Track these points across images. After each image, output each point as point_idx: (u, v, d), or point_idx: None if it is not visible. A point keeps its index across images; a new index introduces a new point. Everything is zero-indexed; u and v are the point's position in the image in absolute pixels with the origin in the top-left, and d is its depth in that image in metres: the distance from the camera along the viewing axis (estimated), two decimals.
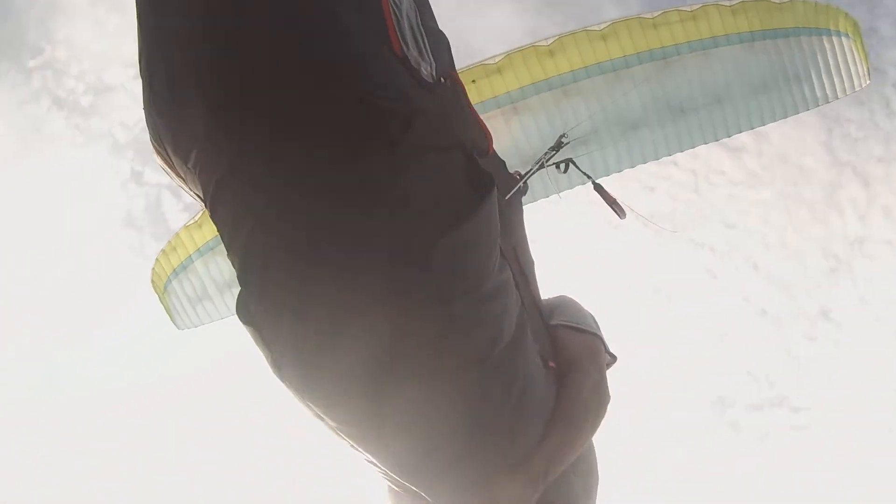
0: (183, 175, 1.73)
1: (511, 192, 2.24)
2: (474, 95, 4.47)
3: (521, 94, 4.52)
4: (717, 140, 4.93)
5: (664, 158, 4.78)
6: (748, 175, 12.27)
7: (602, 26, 4.53)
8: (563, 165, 3.95)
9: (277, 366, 1.74)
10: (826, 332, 12.83)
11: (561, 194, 4.65)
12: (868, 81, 5.29)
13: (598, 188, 3.91)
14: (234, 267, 1.74)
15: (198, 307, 5.75)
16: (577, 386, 2.12)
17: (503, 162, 2.30)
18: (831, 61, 5.11)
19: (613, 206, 3.84)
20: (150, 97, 1.63)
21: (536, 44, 4.49)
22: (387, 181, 1.56)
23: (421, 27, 1.67)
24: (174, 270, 5.78)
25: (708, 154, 12.06)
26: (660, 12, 4.62)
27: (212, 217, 1.71)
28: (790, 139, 11.82)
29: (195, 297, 5.72)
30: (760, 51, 4.91)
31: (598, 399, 2.16)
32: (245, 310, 1.76)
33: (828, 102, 5.28)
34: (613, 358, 2.45)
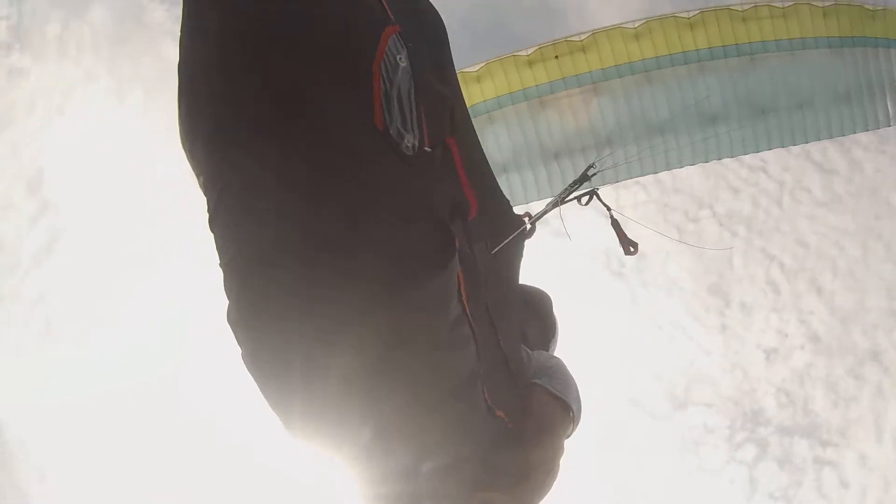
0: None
1: (498, 247, 2.23)
2: (555, 71, 4.40)
3: (602, 76, 4.42)
4: (794, 144, 4.80)
5: (757, 164, 4.66)
6: (833, 198, 12.06)
7: (691, 14, 4.43)
8: (585, 199, 3.78)
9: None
10: (872, 373, 12.59)
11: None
12: None
13: (616, 224, 3.82)
14: None
15: None
16: (537, 449, 2.25)
17: (507, 209, 2.38)
18: None
19: (625, 242, 3.79)
20: (178, 121, 1.72)
21: (623, 25, 4.41)
22: (344, 251, 1.61)
23: (413, 97, 1.67)
24: None
25: (800, 169, 11.88)
26: (750, 5, 4.51)
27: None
28: (884, 173, 11.65)
29: None
30: (849, 58, 4.79)
31: (544, 472, 2.25)
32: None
33: None
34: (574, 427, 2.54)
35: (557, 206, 3.55)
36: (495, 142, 4.41)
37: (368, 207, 1.61)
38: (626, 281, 12.66)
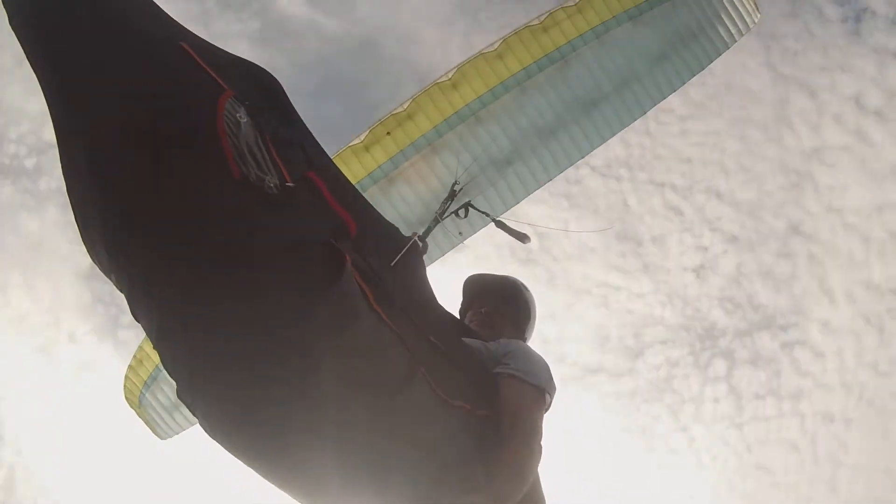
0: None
1: (397, 258, 2.34)
2: (391, 147, 4.49)
3: (435, 134, 4.53)
4: (634, 121, 5.00)
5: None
6: (696, 108, 12.33)
7: (495, 45, 4.55)
8: (462, 211, 3.99)
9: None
10: (798, 246, 12.83)
11: (465, 239, 4.64)
12: (759, 15, 5.40)
13: (500, 224, 3.98)
14: None
15: (175, 415, 5.71)
16: (508, 438, 2.40)
17: (388, 227, 2.49)
18: (718, 9, 5.19)
19: (517, 236, 3.96)
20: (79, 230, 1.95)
21: (438, 80, 4.51)
22: (243, 290, 1.82)
23: (261, 144, 1.86)
24: (145, 383, 5.73)
25: None
26: (546, 15, 4.65)
27: None
28: (730, 65, 11.65)
29: (171, 405, 5.68)
30: (649, 22, 4.97)
31: (527, 453, 2.42)
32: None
33: (728, 49, 5.38)
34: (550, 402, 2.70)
35: (438, 221, 3.79)
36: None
37: (253, 248, 1.81)
38: (538, 263, 12.77)
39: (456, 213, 4.00)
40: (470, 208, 4.18)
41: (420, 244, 2.80)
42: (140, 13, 1.85)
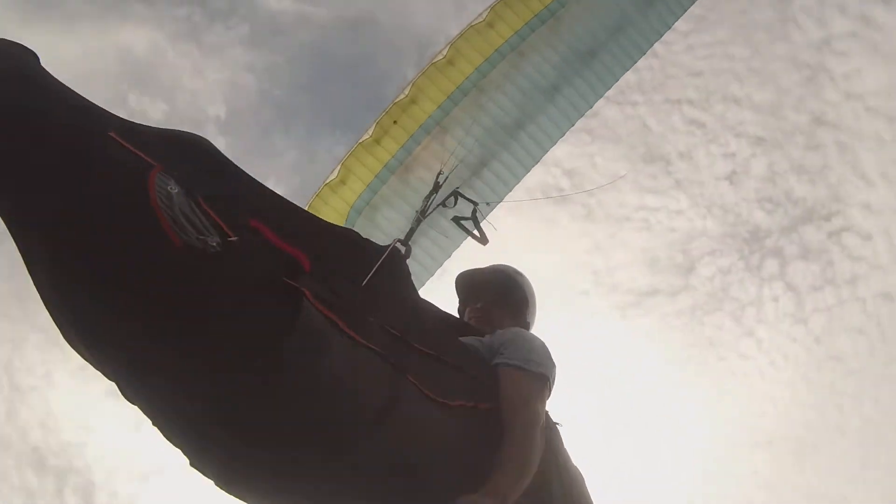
0: None
1: (368, 277, 2.35)
2: (401, 135, 4.56)
3: (441, 113, 4.57)
4: (635, 63, 4.97)
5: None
6: (697, 21, 12.19)
7: (484, 15, 4.57)
8: (450, 201, 3.83)
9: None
10: (825, 135, 12.76)
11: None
12: None
13: (473, 215, 3.94)
14: None
15: None
16: (508, 431, 2.38)
17: (360, 246, 2.50)
18: None
19: (476, 234, 3.99)
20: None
21: (434, 60, 4.55)
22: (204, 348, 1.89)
23: (195, 208, 1.93)
24: None
25: None
26: None
27: None
28: None
29: None
30: None
31: (528, 446, 2.38)
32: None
33: None
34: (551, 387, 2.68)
35: (420, 220, 3.61)
36: (389, 223, 4.59)
37: (207, 314, 1.88)
38: (572, 200, 12.90)
39: (443, 204, 3.83)
40: (458, 197, 4.01)
41: (403, 248, 2.83)
42: (67, 112, 1.93)
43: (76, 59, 12.76)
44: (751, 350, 13.33)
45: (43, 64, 1.99)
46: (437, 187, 3.77)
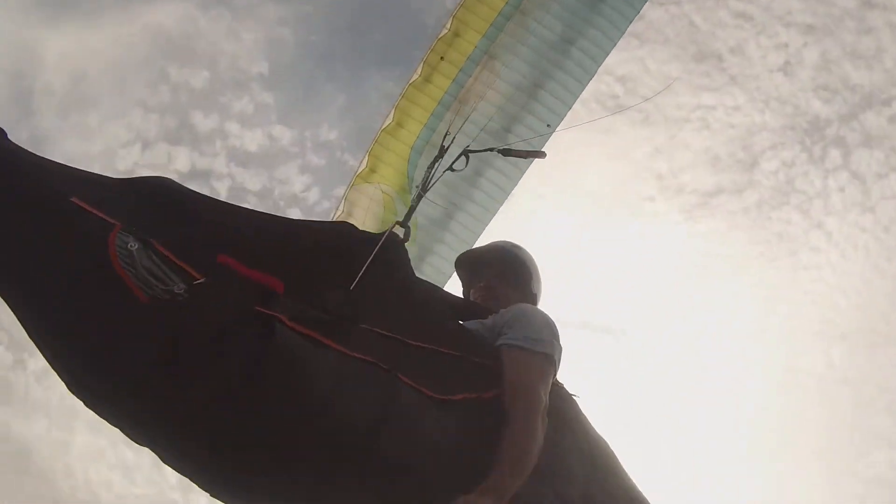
0: None
1: (356, 280, 2.32)
2: (450, 70, 4.59)
3: (487, 42, 4.58)
4: None
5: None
6: None
7: None
8: (458, 163, 3.34)
9: None
10: (877, 19, 12.29)
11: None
12: None
13: (507, 152, 3.60)
14: None
15: None
16: (508, 417, 2.29)
17: (348, 250, 2.44)
18: None
19: (531, 155, 3.86)
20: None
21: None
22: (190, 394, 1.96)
23: (156, 260, 1.99)
24: None
25: None
26: None
27: None
28: None
29: None
30: None
31: (528, 433, 2.27)
32: None
33: None
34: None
35: (422, 196, 3.20)
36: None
37: (182, 359, 1.93)
38: (629, 104, 12.66)
39: (451, 168, 3.33)
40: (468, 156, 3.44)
41: (402, 231, 2.80)
42: (32, 187, 2.04)
43: (107, 47, 13.33)
44: (821, 242, 13.20)
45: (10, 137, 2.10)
46: (442, 152, 3.38)
